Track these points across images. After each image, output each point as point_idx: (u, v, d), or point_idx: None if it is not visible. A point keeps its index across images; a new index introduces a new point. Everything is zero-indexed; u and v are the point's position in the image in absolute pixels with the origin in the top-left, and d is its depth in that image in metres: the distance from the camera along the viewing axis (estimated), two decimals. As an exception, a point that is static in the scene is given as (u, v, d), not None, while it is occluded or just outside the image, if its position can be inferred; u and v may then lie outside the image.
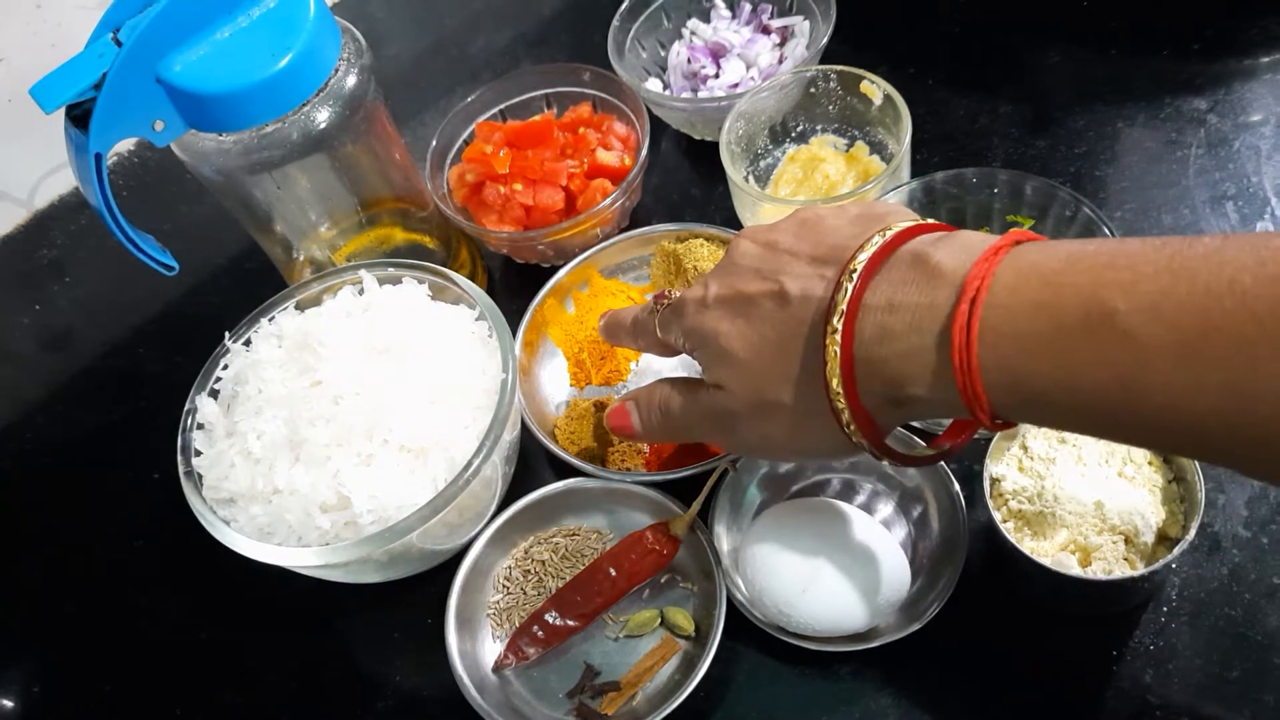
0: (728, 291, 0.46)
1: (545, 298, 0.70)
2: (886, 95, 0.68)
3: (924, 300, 0.39)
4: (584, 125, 0.76)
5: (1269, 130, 0.70)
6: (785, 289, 0.44)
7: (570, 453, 0.64)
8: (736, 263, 0.47)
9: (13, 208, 0.93)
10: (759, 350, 0.44)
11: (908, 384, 0.40)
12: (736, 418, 0.47)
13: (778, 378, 0.44)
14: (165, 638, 0.67)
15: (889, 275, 0.40)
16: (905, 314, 0.39)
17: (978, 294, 0.37)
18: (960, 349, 0.37)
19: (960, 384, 0.37)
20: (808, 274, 0.43)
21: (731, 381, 0.46)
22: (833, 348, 0.40)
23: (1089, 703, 0.52)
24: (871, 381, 0.41)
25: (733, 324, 0.46)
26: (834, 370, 0.41)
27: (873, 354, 0.40)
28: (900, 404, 0.41)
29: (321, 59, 0.60)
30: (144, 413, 0.78)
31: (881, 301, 0.40)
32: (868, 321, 0.40)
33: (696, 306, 0.48)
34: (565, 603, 0.58)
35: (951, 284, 0.38)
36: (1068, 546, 0.52)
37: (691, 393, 0.50)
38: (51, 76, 0.54)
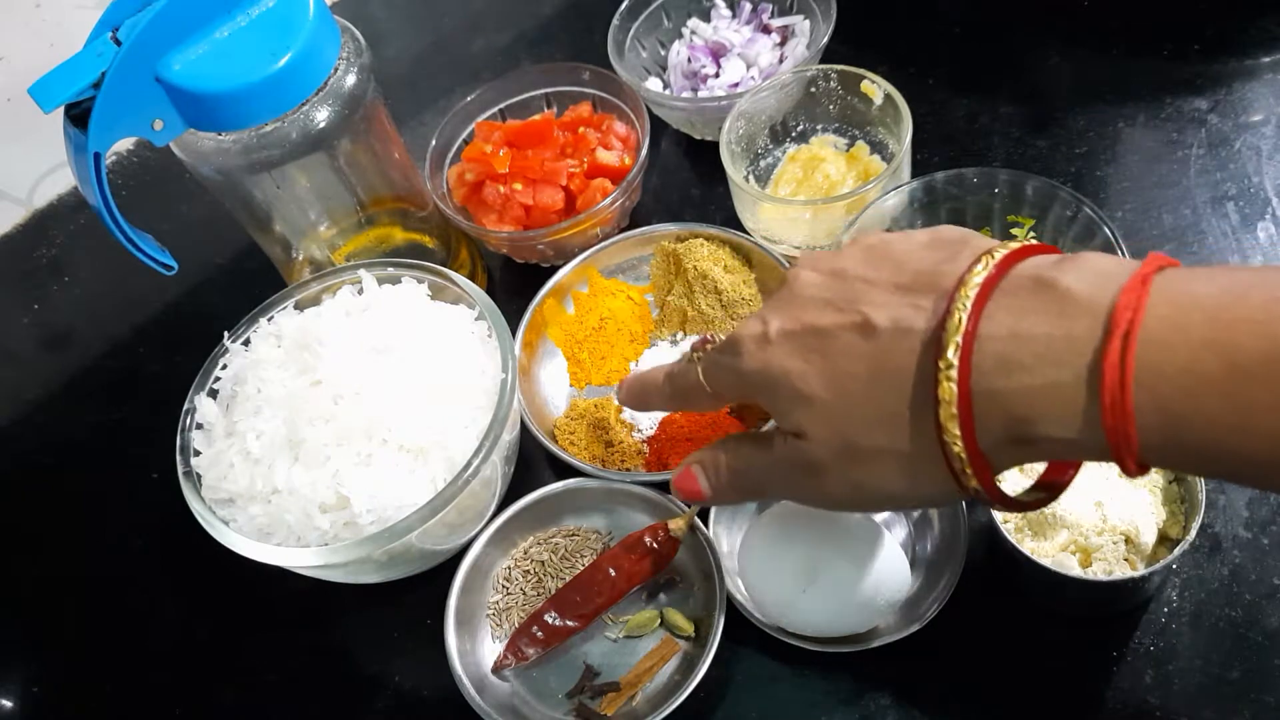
0: (794, 325, 0.42)
1: (545, 298, 0.70)
2: (887, 95, 0.68)
3: (1059, 331, 0.35)
4: (584, 125, 0.76)
5: (1270, 130, 0.70)
6: (870, 320, 0.39)
7: (570, 453, 0.64)
8: (799, 294, 0.43)
9: (12, 207, 0.93)
10: (845, 389, 0.40)
11: (1040, 423, 0.35)
12: (822, 468, 0.42)
13: (871, 419, 0.39)
14: (165, 638, 0.67)
15: (1005, 303, 0.36)
16: (1035, 345, 0.35)
17: (1131, 328, 0.33)
18: (1113, 389, 0.33)
19: (1110, 426, 0.33)
20: (896, 303, 0.39)
21: (814, 427, 0.41)
22: (947, 384, 0.36)
23: (1089, 703, 0.52)
24: (991, 420, 0.36)
25: (807, 361, 0.41)
26: (950, 411, 0.36)
27: (995, 388, 0.36)
28: (1025, 443, 0.37)
29: (321, 58, 0.60)
30: (144, 413, 0.78)
31: (1002, 331, 0.36)
32: (986, 352, 0.36)
33: (757, 344, 0.43)
34: (565, 603, 0.58)
35: (1091, 314, 0.34)
36: (1068, 547, 0.52)
37: (764, 446, 0.45)
38: (50, 76, 0.54)
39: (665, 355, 0.69)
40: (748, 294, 0.69)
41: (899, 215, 0.64)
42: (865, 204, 0.63)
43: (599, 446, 0.65)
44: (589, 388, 0.70)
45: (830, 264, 0.43)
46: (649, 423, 0.66)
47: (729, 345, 0.45)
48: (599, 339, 0.71)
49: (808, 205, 0.67)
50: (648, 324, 0.72)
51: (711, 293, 0.68)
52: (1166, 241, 0.66)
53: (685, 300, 0.70)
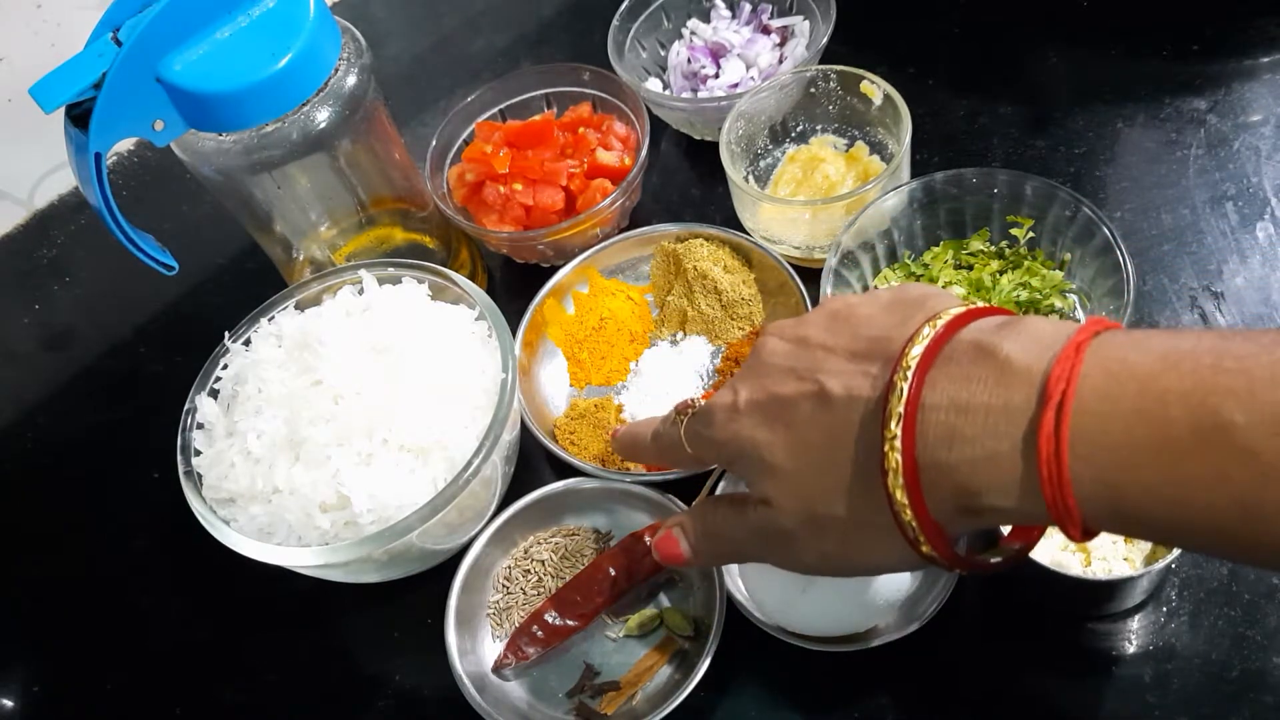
0: (760, 395, 0.43)
1: (545, 298, 0.70)
2: (886, 95, 0.68)
3: (997, 401, 0.35)
4: (584, 125, 0.76)
5: (1269, 130, 0.70)
6: (826, 389, 0.40)
7: (570, 452, 0.64)
8: (765, 362, 0.44)
9: (13, 208, 0.93)
10: (805, 459, 0.41)
11: (985, 494, 0.35)
12: (790, 536, 0.42)
13: (830, 489, 0.40)
14: (165, 637, 0.67)
15: (948, 370, 0.37)
16: (976, 416, 0.35)
17: (1064, 398, 0.33)
18: (1049, 460, 0.33)
19: (1049, 497, 0.34)
20: (849, 370, 0.40)
21: (779, 496, 0.42)
22: (893, 455, 0.36)
23: (1089, 703, 0.52)
24: (939, 490, 0.37)
25: (772, 431, 0.42)
26: (896, 480, 0.37)
27: (939, 459, 0.36)
28: (974, 513, 0.37)
29: (321, 59, 0.60)
30: (144, 413, 0.78)
31: (944, 400, 0.36)
32: (930, 422, 0.36)
33: (727, 414, 0.44)
34: (565, 603, 0.58)
35: (1028, 383, 0.34)
36: (1068, 546, 0.52)
37: (739, 512, 0.45)
38: (51, 76, 0.54)
39: (665, 355, 0.69)
40: (747, 294, 0.69)
41: (898, 215, 0.65)
42: (865, 204, 0.63)
43: (599, 446, 0.65)
44: (589, 388, 0.70)
45: (795, 331, 0.44)
46: None
47: (703, 415, 0.46)
48: (599, 339, 0.71)
49: (807, 205, 0.67)
50: (648, 324, 0.72)
51: (711, 293, 0.68)
52: (1166, 241, 0.66)
53: (685, 300, 0.70)
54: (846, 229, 0.63)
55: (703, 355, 0.69)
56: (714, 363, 0.68)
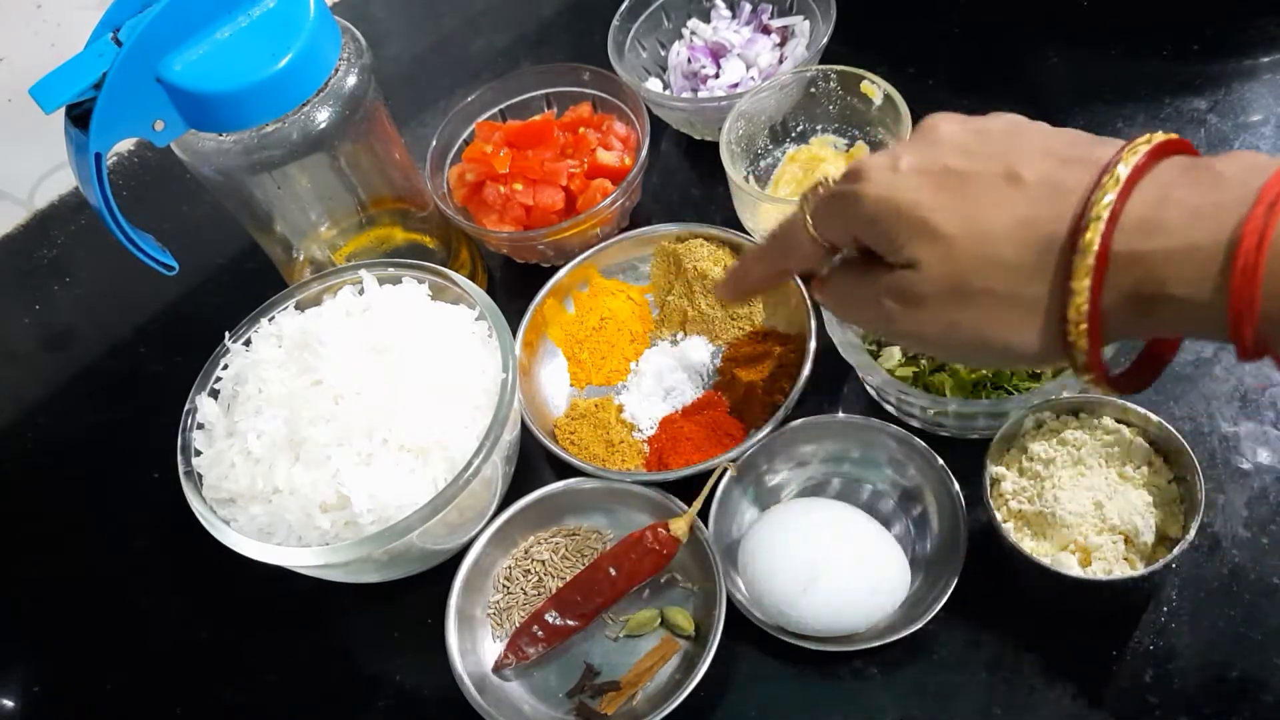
0: (930, 164, 0.41)
1: (545, 298, 0.70)
2: (886, 95, 0.68)
3: (1207, 201, 0.36)
4: (584, 125, 0.76)
5: (1269, 130, 0.70)
6: (1017, 172, 0.39)
7: (570, 452, 0.64)
8: (938, 140, 0.42)
9: (13, 208, 0.93)
10: (976, 229, 0.39)
11: (1170, 283, 0.36)
12: (923, 302, 0.41)
13: (993, 262, 0.39)
14: (165, 637, 0.67)
15: (1157, 178, 0.38)
16: (1181, 211, 0.36)
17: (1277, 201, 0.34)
18: (1249, 251, 0.34)
19: (1237, 288, 0.34)
20: (1047, 165, 0.39)
21: (931, 259, 0.40)
22: (1092, 234, 0.37)
23: (1089, 703, 0.52)
24: (1123, 277, 0.37)
25: (937, 196, 0.40)
26: (1087, 260, 0.37)
27: (1134, 247, 0.36)
28: (1148, 305, 0.37)
29: (321, 59, 0.60)
30: (144, 413, 0.78)
31: (1150, 198, 0.37)
32: (1132, 215, 0.37)
33: (883, 173, 0.42)
34: (565, 603, 0.58)
35: (1242, 189, 0.35)
36: (1068, 546, 0.52)
37: (864, 270, 0.44)
38: (51, 76, 0.54)
39: (666, 355, 0.69)
40: None
41: (899, 215, 0.64)
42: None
43: (599, 446, 0.65)
44: (589, 388, 0.70)
45: (972, 123, 0.42)
46: (649, 423, 0.66)
47: (851, 173, 0.43)
48: (599, 339, 0.71)
49: (808, 205, 0.67)
50: (648, 324, 0.72)
51: (712, 293, 0.68)
52: (1166, 241, 0.66)
53: (685, 300, 0.70)
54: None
55: (703, 354, 0.69)
56: (714, 362, 0.68)
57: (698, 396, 0.67)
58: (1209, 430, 0.59)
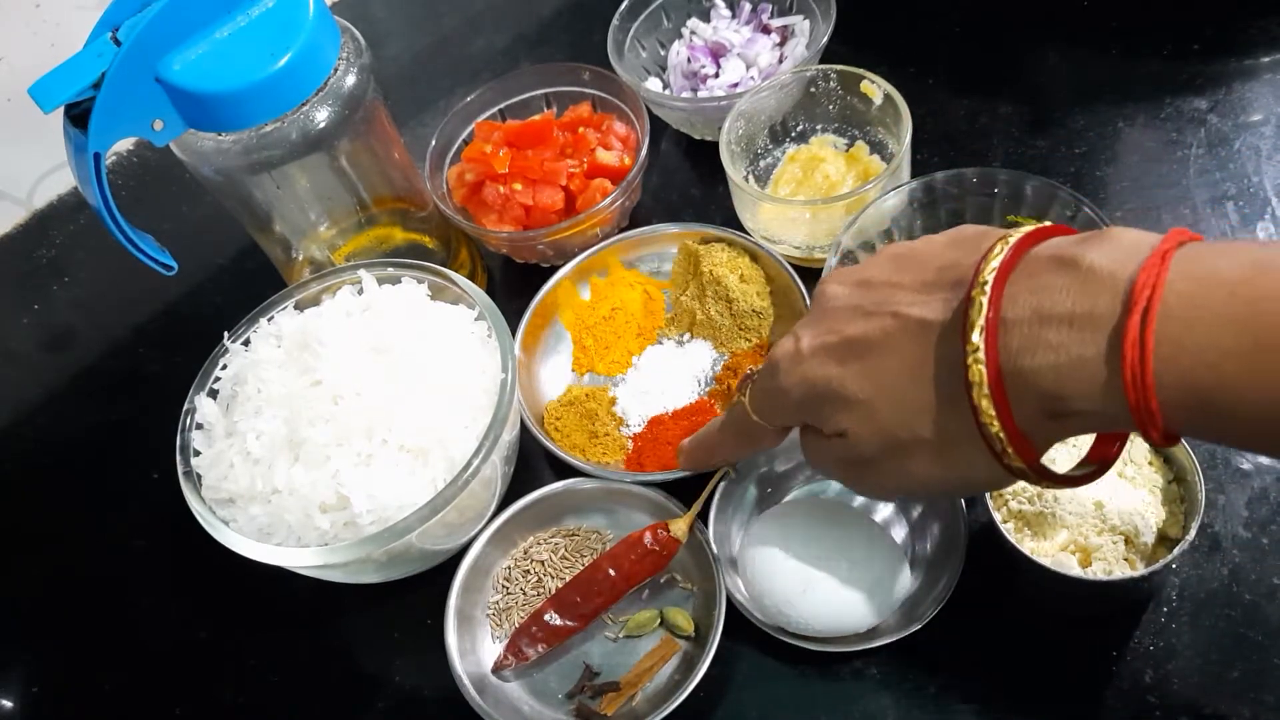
0: (828, 337, 0.43)
1: (562, 279, 0.70)
2: (886, 95, 0.68)
3: (1081, 309, 0.35)
4: (584, 125, 0.76)
5: (1269, 130, 0.70)
6: (901, 315, 0.41)
7: (554, 439, 0.64)
8: (829, 307, 0.44)
9: (12, 208, 0.93)
10: (882, 386, 0.41)
11: (1070, 399, 0.36)
12: (870, 463, 0.43)
13: (911, 411, 0.40)
14: (165, 637, 0.67)
15: (1028, 283, 0.37)
16: (1060, 324, 0.36)
17: (1150, 304, 0.33)
18: (1133, 364, 0.34)
19: (1133, 401, 0.34)
20: (923, 300, 0.40)
21: (857, 426, 0.42)
22: (977, 368, 0.37)
23: (1089, 703, 0.52)
24: (1026, 397, 0.37)
25: (843, 367, 0.42)
26: (982, 391, 0.37)
27: (1024, 366, 0.37)
28: (1060, 418, 0.37)
29: (321, 58, 0.60)
30: (144, 413, 0.78)
31: (1025, 312, 0.37)
32: (1013, 334, 0.37)
33: (791, 362, 0.44)
34: (565, 603, 0.58)
35: (1112, 290, 0.35)
36: (1068, 547, 0.52)
37: (816, 440, 0.46)
38: (50, 76, 0.54)
39: (668, 355, 0.69)
40: (760, 305, 0.68)
41: (899, 215, 0.64)
42: (865, 204, 0.63)
43: (582, 435, 0.65)
44: (590, 375, 0.70)
45: (856, 275, 0.44)
46: (638, 420, 0.66)
47: (766, 370, 0.46)
48: (607, 328, 0.71)
49: (807, 205, 0.67)
50: (658, 320, 0.72)
51: (722, 299, 0.68)
52: (1166, 241, 0.66)
53: (696, 302, 0.69)
54: (846, 229, 0.63)
55: (704, 361, 0.68)
56: (714, 370, 0.68)
57: (691, 401, 0.67)
58: (1209, 430, 0.59)
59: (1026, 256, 0.38)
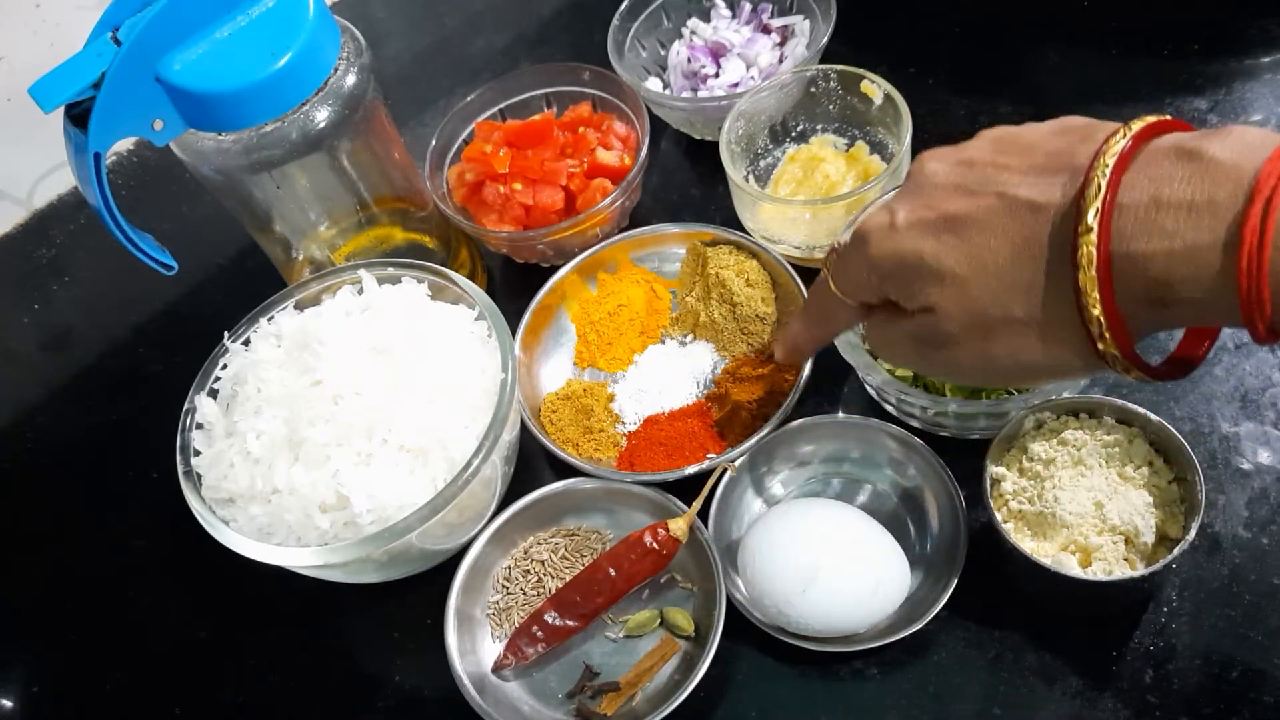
0: (924, 212, 0.42)
1: (570, 273, 0.71)
2: (887, 95, 0.68)
3: (1200, 197, 0.35)
4: (584, 125, 0.76)
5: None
6: (1008, 196, 0.40)
7: (548, 431, 0.65)
8: (927, 183, 0.43)
9: (12, 207, 0.93)
10: (981, 264, 0.40)
11: (1178, 284, 0.36)
12: (952, 341, 0.43)
13: (1007, 290, 0.40)
14: (165, 637, 0.67)
15: (1148, 171, 0.37)
16: (1177, 211, 0.36)
17: (1274, 194, 0.34)
18: (1250, 252, 0.34)
19: (1244, 289, 0.34)
20: (1032, 182, 0.40)
21: (946, 301, 0.42)
22: (1087, 248, 0.37)
23: (1089, 703, 0.52)
24: (1132, 282, 0.37)
25: (939, 241, 0.41)
26: (1089, 274, 0.37)
27: (1135, 250, 0.36)
28: (1162, 305, 0.37)
29: (321, 58, 0.60)
30: (144, 413, 0.78)
31: (1143, 198, 0.36)
32: (1128, 219, 0.37)
33: (883, 234, 0.43)
34: (565, 603, 0.58)
35: (1236, 181, 0.35)
36: (1068, 547, 0.52)
37: (890, 319, 0.46)
38: (50, 76, 0.54)
39: (669, 354, 0.69)
40: (764, 311, 0.68)
41: (899, 215, 0.64)
42: (865, 204, 0.63)
43: (576, 430, 0.65)
44: (590, 370, 0.70)
45: (957, 155, 0.44)
46: (634, 418, 0.66)
47: (855, 239, 0.45)
48: (611, 324, 0.71)
49: (807, 205, 0.67)
50: (662, 319, 0.72)
51: (726, 302, 0.68)
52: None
53: (701, 304, 0.69)
54: (847, 229, 0.62)
55: (705, 363, 0.68)
56: (714, 373, 0.68)
57: (689, 403, 0.67)
58: (1209, 430, 0.59)
59: (1146, 147, 0.38)
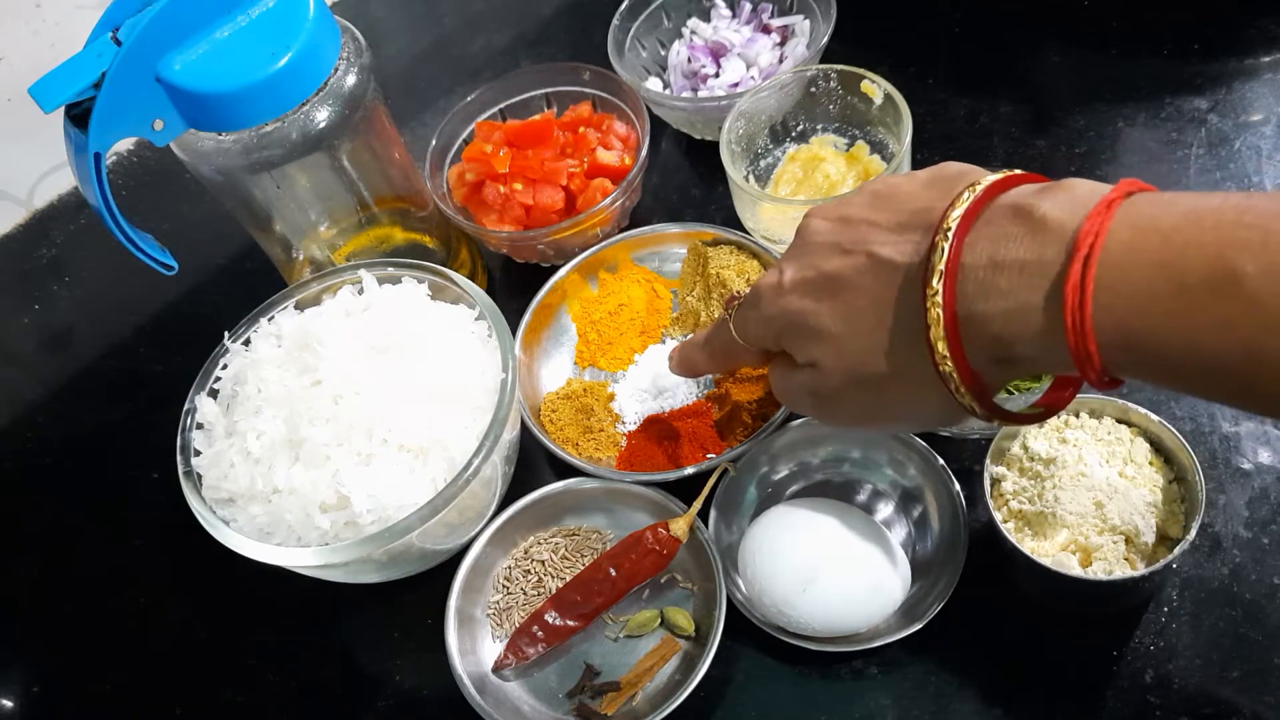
0: (808, 273, 0.45)
1: (570, 272, 0.71)
2: (887, 95, 0.68)
3: (1031, 256, 0.37)
4: (584, 125, 0.76)
5: (1269, 130, 0.70)
6: (873, 256, 0.43)
7: (548, 430, 0.64)
8: (810, 242, 0.46)
9: (12, 207, 0.93)
10: (852, 323, 0.44)
11: (1016, 343, 0.38)
12: (835, 394, 0.46)
13: (875, 347, 0.43)
14: (165, 637, 0.67)
15: (987, 231, 0.39)
16: (1011, 271, 0.38)
17: (1091, 251, 0.35)
18: (1073, 309, 0.35)
19: (1072, 344, 0.36)
20: (894, 240, 0.42)
21: (825, 358, 0.45)
22: (934, 310, 0.39)
23: (1089, 703, 0.52)
24: (977, 341, 0.39)
25: (819, 302, 0.45)
26: (938, 332, 0.39)
27: (977, 311, 0.39)
28: (1007, 362, 0.40)
29: (321, 58, 0.60)
30: (144, 413, 0.78)
31: (983, 259, 0.38)
32: (969, 279, 0.39)
33: (773, 293, 0.47)
34: (565, 603, 0.58)
35: (1061, 239, 0.36)
36: (1068, 546, 0.52)
37: (787, 371, 0.49)
38: (51, 76, 0.54)
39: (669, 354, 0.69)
40: None
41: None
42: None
43: (576, 430, 0.65)
44: (591, 370, 0.70)
45: (838, 211, 0.46)
46: (634, 417, 0.66)
47: (751, 298, 0.50)
48: (611, 324, 0.71)
49: (807, 205, 0.67)
50: (663, 319, 0.71)
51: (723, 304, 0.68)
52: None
53: (701, 303, 0.69)
54: None
55: (706, 364, 0.68)
56: None
57: (689, 403, 0.66)
58: (1209, 430, 0.59)
59: (991, 204, 0.40)
